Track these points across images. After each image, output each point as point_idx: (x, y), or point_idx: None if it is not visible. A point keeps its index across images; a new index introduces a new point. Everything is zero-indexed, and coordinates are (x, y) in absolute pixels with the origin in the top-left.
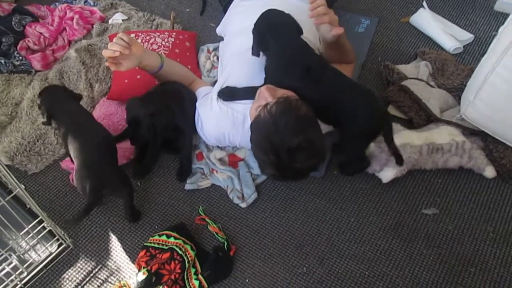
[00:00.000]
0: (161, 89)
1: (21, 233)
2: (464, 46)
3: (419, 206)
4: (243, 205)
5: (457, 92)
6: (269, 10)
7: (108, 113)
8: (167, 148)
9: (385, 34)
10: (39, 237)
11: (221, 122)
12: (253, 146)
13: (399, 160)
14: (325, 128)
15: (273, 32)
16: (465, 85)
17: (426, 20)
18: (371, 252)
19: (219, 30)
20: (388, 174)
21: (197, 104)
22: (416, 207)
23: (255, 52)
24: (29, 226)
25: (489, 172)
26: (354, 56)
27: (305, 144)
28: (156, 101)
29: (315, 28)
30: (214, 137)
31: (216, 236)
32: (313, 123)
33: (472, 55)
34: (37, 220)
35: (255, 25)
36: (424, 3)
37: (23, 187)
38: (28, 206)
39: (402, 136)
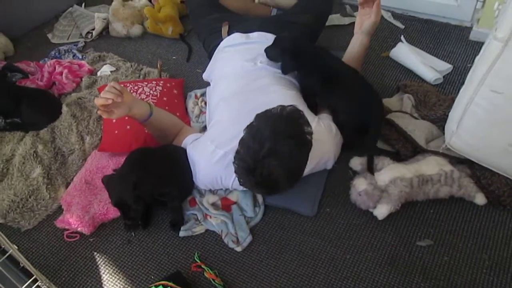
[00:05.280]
0: (137, 156)
1: None
2: (444, 76)
3: (413, 238)
4: (239, 249)
5: (440, 122)
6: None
7: (101, 167)
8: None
9: (367, 69)
10: None
11: (214, 167)
12: (245, 134)
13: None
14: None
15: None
16: (448, 115)
17: (405, 53)
18: None
19: (205, 76)
20: (382, 211)
21: (188, 150)
22: (411, 239)
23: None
24: (23, 287)
25: (480, 199)
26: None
27: (286, 149)
28: (134, 170)
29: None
30: (208, 181)
31: (213, 282)
32: (305, 146)
33: (452, 84)
34: (31, 280)
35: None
36: (402, 37)
37: (16, 247)
38: (22, 265)
39: (392, 170)
